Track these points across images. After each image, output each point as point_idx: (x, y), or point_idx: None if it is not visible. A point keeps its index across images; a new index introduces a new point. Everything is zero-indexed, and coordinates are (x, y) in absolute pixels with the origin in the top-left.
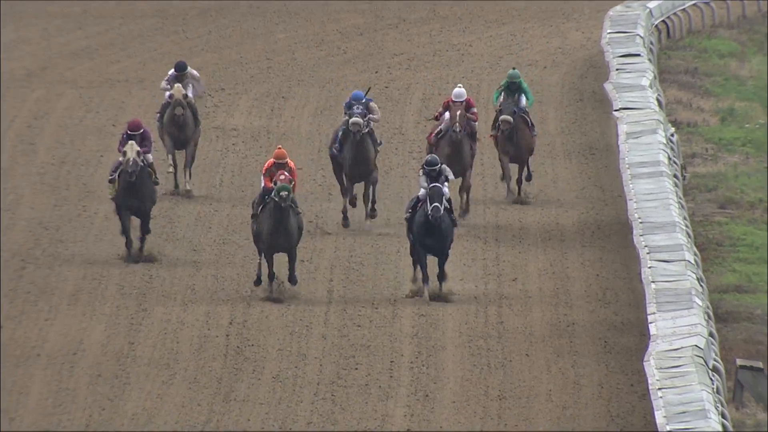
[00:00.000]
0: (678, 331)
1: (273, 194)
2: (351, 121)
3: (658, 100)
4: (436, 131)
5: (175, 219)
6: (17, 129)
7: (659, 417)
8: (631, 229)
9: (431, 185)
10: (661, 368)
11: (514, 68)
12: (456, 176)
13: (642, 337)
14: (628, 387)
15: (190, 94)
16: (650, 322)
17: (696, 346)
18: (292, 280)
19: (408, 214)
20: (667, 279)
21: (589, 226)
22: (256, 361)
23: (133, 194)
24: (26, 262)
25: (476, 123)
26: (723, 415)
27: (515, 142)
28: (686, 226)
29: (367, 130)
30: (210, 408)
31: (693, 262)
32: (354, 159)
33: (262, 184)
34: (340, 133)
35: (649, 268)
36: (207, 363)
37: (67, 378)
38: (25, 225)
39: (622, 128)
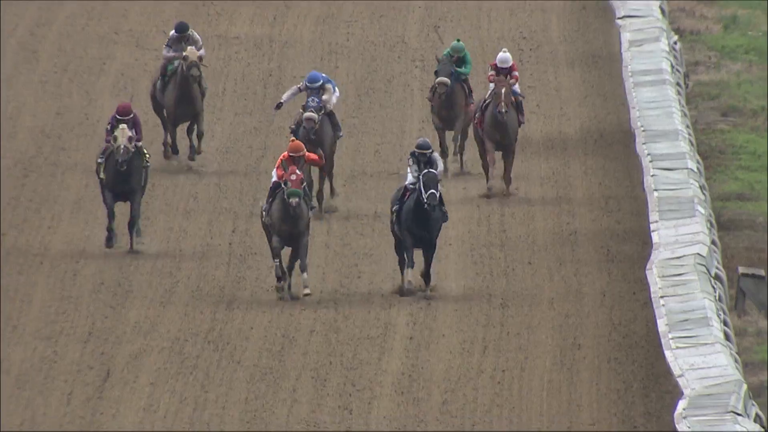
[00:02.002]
0: (680, 239)
1: (285, 195)
2: (305, 116)
3: (661, 8)
4: (481, 104)
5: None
6: (19, 37)
7: (661, 325)
8: (633, 137)
9: (425, 171)
10: (663, 276)
11: (458, 40)
12: (499, 149)
13: (644, 245)
14: (630, 295)
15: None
16: (652, 231)
17: (698, 254)
18: (303, 267)
19: (396, 206)
20: (669, 187)
21: (592, 134)
22: (259, 269)
23: (123, 180)
24: (28, 170)
25: (517, 80)
26: (725, 323)
27: (450, 106)
28: (689, 134)
29: (318, 125)
30: (212, 316)
31: (695, 170)
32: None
33: (274, 178)
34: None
35: (652, 176)
36: (210, 271)
37: (70, 285)
38: (28, 133)
39: (625, 36)
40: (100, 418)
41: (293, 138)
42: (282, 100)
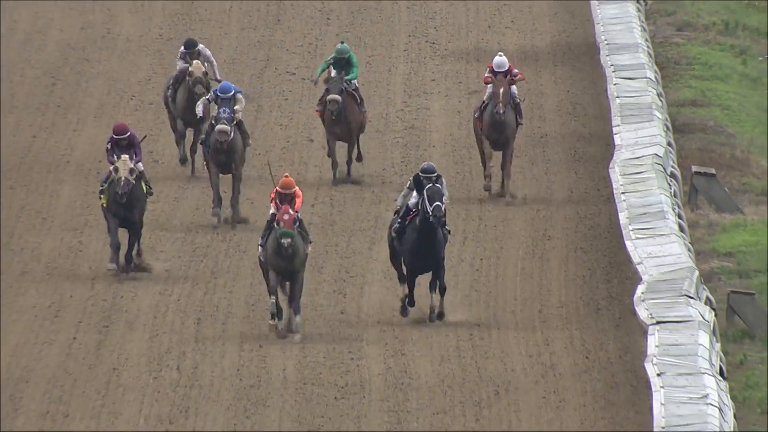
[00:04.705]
0: (640, 141)
1: (278, 236)
2: (217, 129)
3: None
4: (480, 105)
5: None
6: None
7: (623, 218)
8: (598, 49)
9: (428, 186)
10: (624, 174)
11: (342, 42)
12: (497, 149)
13: (607, 146)
14: (594, 191)
15: (216, 75)
16: (615, 133)
17: (656, 154)
18: (296, 310)
19: (398, 225)
20: (630, 95)
21: (561, 47)
22: (261, 168)
23: (125, 209)
24: (56, 78)
25: (522, 78)
26: (679, 216)
27: (343, 121)
28: (647, 47)
29: (232, 135)
30: (226, 204)
31: (653, 79)
32: (220, 160)
33: (272, 210)
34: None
35: (614, 84)
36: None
37: (94, 182)
38: (56, 46)
39: None
40: (120, 300)
41: (286, 174)
42: (199, 114)
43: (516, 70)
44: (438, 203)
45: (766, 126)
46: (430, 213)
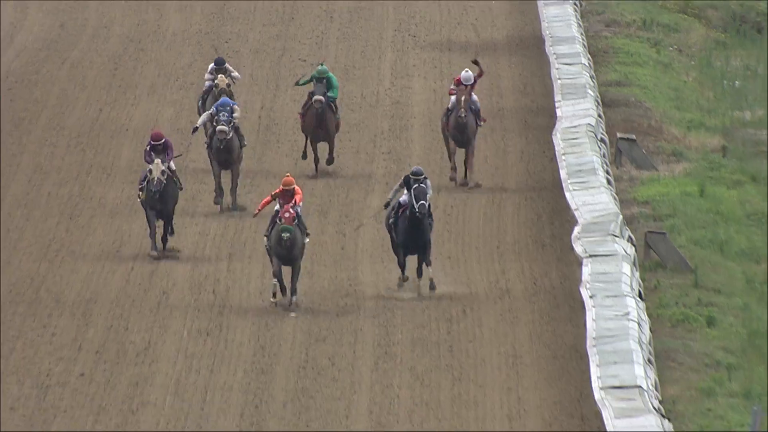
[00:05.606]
0: (576, 113)
1: (279, 229)
2: (218, 129)
3: None
4: (446, 111)
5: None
6: None
7: (563, 174)
8: (543, 41)
9: (415, 186)
10: (564, 139)
11: (322, 64)
12: (461, 146)
13: (551, 117)
14: (541, 153)
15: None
16: (557, 107)
17: (589, 124)
18: (293, 290)
19: (392, 219)
20: (569, 77)
21: (515, 39)
22: (279, 134)
23: (158, 201)
24: (117, 64)
25: (480, 78)
26: (607, 173)
27: (324, 126)
28: (582, 39)
29: (230, 135)
30: (246, 167)
31: (587, 64)
32: (221, 158)
33: (276, 206)
34: (211, 134)
35: (556, 69)
36: (244, 136)
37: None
38: (117, 39)
39: None
40: (169, 239)
41: (288, 173)
42: (197, 125)
43: (475, 85)
44: (423, 201)
45: (675, 101)
46: (417, 209)
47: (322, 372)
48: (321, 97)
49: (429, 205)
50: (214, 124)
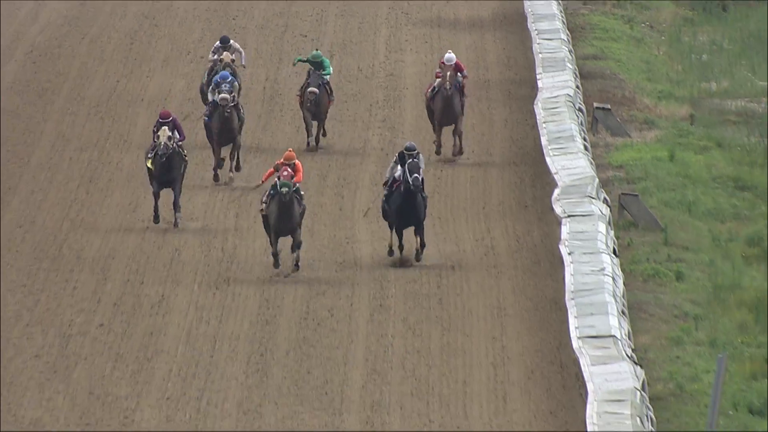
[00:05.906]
0: (556, 84)
1: (278, 187)
2: (219, 96)
3: None
4: (430, 88)
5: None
6: None
7: (544, 140)
8: (526, 18)
9: (409, 161)
10: (545, 109)
11: (317, 49)
12: (449, 123)
13: (533, 88)
14: (524, 121)
15: (242, 61)
16: (538, 79)
17: (568, 94)
18: (294, 247)
19: (386, 192)
20: (549, 51)
21: (499, 16)
22: (282, 104)
23: (167, 170)
24: (133, 39)
25: (466, 80)
26: (584, 139)
27: (317, 105)
28: (562, 16)
29: (233, 104)
30: (252, 135)
31: (566, 39)
32: (221, 128)
33: (264, 173)
34: (211, 106)
35: (538, 44)
36: (250, 106)
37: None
38: (133, 16)
39: None
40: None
41: (290, 149)
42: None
43: (465, 71)
44: (416, 175)
45: (646, 74)
46: (411, 183)
47: (322, 323)
48: (315, 89)
49: (422, 179)
50: (215, 98)
